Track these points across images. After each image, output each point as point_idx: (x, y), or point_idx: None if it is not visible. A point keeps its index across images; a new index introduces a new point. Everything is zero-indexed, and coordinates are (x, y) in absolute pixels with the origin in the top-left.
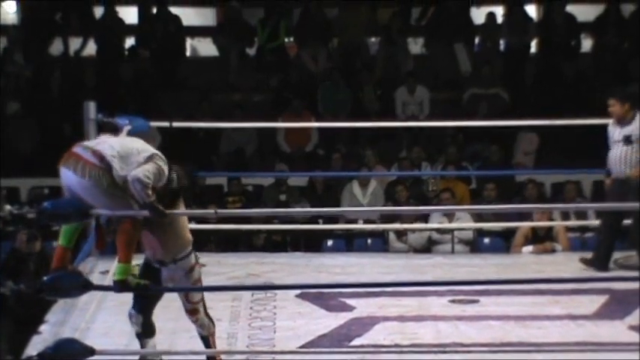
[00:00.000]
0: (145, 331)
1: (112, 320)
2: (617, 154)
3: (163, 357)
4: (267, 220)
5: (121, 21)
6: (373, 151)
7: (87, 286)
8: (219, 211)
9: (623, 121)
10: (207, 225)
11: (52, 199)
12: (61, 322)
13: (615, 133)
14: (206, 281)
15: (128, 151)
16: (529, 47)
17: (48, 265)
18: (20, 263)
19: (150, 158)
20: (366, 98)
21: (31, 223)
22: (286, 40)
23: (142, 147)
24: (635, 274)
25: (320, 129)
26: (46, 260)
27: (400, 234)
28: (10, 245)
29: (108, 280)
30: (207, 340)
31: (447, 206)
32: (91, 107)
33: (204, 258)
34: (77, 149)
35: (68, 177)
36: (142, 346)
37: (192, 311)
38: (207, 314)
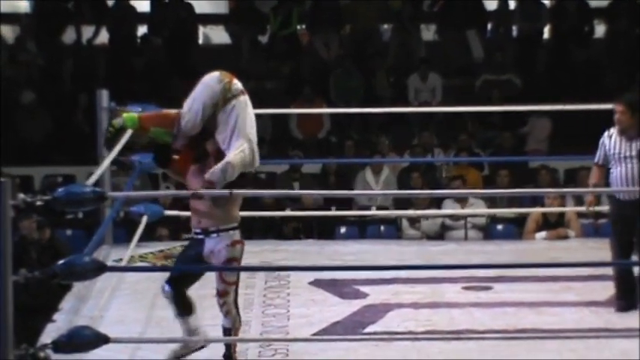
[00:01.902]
0: (179, 309)
1: (126, 308)
2: (627, 173)
3: (178, 345)
4: (280, 207)
5: (133, 9)
6: (386, 138)
7: (101, 268)
8: (234, 191)
9: (628, 134)
10: None
11: (65, 187)
12: (75, 310)
13: (621, 146)
14: None
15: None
16: (542, 33)
17: (56, 255)
18: (26, 252)
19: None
20: (378, 85)
21: (39, 210)
22: (298, 27)
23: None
24: None
25: (332, 116)
26: (54, 249)
27: (413, 221)
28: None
29: None
30: (230, 334)
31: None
32: (104, 95)
33: None
34: None
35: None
36: (182, 326)
37: (222, 293)
38: (236, 306)
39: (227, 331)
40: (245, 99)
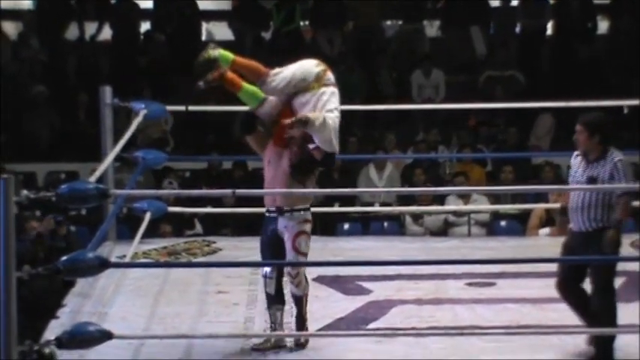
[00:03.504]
0: (277, 295)
1: (130, 304)
2: (578, 200)
3: (181, 341)
4: None
5: (136, 5)
6: (390, 135)
7: (105, 265)
8: (237, 191)
9: (589, 157)
10: (224, 209)
11: (68, 183)
12: (79, 306)
13: (579, 170)
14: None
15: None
16: (545, 30)
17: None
18: (36, 250)
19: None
20: (381, 82)
21: (48, 206)
22: (301, 23)
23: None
24: None
25: None
26: (68, 246)
27: (416, 217)
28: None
29: None
30: (301, 300)
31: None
32: (107, 92)
33: (221, 242)
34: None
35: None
36: (270, 314)
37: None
38: (304, 275)
39: (299, 298)
40: (337, 91)
